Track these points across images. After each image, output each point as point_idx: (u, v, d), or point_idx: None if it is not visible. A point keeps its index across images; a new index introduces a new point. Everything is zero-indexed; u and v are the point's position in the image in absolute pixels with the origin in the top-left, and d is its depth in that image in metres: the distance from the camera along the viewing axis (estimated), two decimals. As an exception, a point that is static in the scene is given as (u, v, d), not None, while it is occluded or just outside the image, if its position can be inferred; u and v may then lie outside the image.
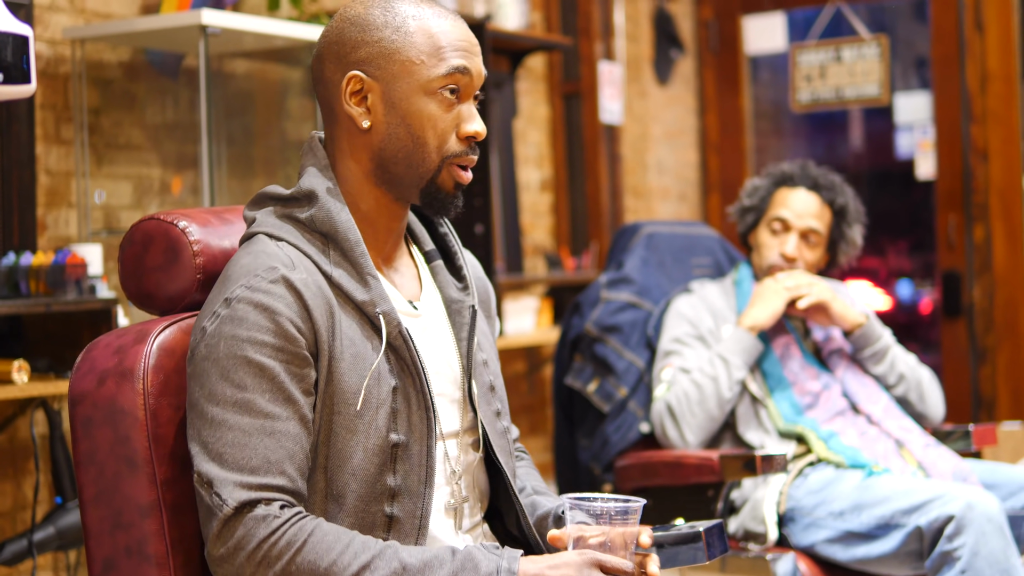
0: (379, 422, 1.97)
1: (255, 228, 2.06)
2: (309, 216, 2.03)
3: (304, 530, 1.86)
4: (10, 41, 2.61)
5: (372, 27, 2.04)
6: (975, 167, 5.95)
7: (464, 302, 2.16)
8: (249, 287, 1.94)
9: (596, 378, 3.80)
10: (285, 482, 1.89)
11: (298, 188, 2.07)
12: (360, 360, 1.97)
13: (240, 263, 1.99)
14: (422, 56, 2.03)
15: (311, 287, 1.96)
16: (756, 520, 3.39)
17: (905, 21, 6.95)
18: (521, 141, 5.83)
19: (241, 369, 1.91)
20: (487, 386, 2.18)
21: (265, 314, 1.92)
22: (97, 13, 3.96)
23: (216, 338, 1.93)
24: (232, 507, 1.86)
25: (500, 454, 2.15)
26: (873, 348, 3.68)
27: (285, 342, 1.92)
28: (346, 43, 2.06)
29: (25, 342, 3.53)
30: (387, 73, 2.03)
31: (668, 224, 4.17)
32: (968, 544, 3.08)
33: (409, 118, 2.03)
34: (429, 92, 2.03)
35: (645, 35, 6.54)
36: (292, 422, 1.91)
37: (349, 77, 2.04)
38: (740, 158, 6.73)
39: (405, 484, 1.98)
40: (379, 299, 2.00)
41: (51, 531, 3.47)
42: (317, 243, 2.03)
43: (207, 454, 1.89)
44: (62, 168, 3.85)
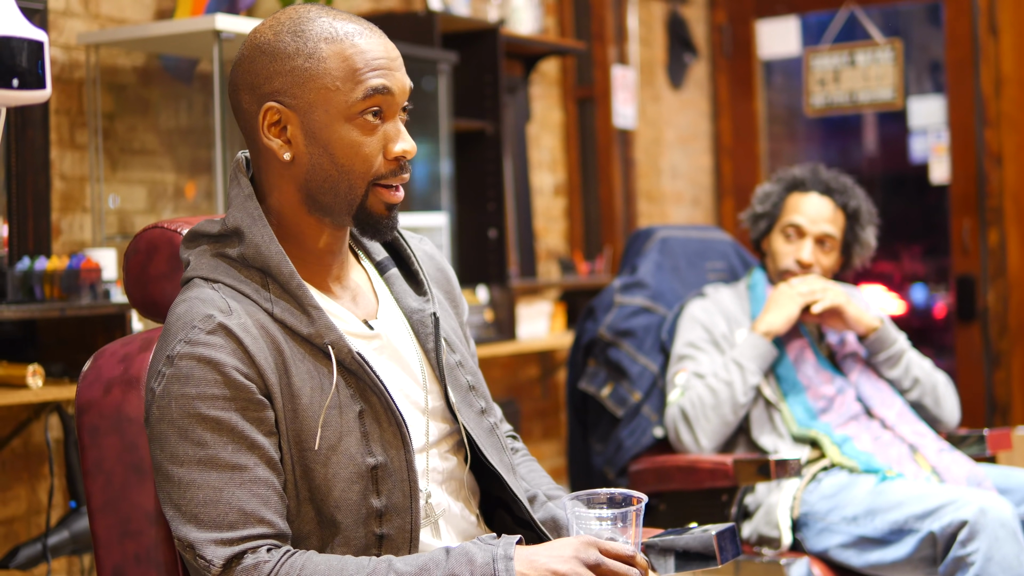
0: (351, 450, 1.93)
1: (190, 272, 2.00)
2: (239, 253, 1.97)
3: (296, 565, 1.84)
4: (25, 47, 2.61)
5: (283, 56, 1.96)
6: (989, 171, 5.94)
7: (425, 311, 2.11)
8: (188, 341, 1.88)
9: (610, 382, 3.80)
10: (265, 529, 1.86)
11: (224, 224, 2.00)
12: (318, 393, 1.93)
13: (176, 313, 1.94)
14: (337, 82, 1.94)
15: (251, 330, 1.91)
16: (770, 525, 3.38)
17: (919, 25, 6.94)
18: (535, 146, 5.83)
19: (198, 427, 1.86)
20: (465, 387, 2.14)
21: (209, 367, 1.87)
22: (111, 19, 3.97)
23: (166, 399, 1.88)
24: (220, 566, 1.83)
25: (491, 453, 2.12)
26: (888, 352, 3.67)
27: (235, 391, 1.87)
28: (259, 73, 1.97)
29: (40, 347, 3.54)
30: (304, 102, 1.95)
31: (682, 228, 4.17)
32: (981, 549, 3.07)
33: (331, 147, 1.95)
34: (350, 118, 1.95)
35: (658, 39, 6.54)
36: (260, 468, 1.88)
37: (265, 109, 1.96)
38: (754, 162, 6.72)
39: (391, 502, 1.96)
40: (325, 330, 1.94)
41: (65, 535, 3.47)
42: (255, 279, 1.97)
43: (182, 517, 1.86)
44: (76, 173, 3.86)
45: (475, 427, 2.13)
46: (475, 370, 2.20)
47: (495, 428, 2.17)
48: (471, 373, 2.18)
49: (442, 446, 2.11)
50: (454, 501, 2.11)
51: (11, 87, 2.59)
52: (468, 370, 2.17)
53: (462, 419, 2.10)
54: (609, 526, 1.91)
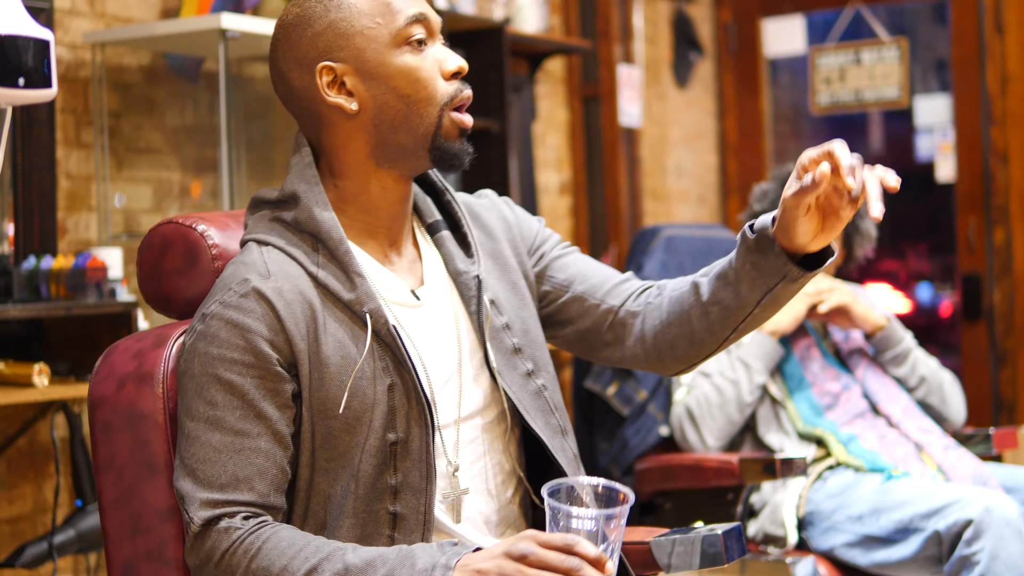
0: (375, 422, 1.95)
1: (246, 235, 2.05)
2: (294, 217, 2.02)
3: (261, 537, 1.87)
4: (31, 45, 2.61)
5: (315, 18, 2.02)
6: (995, 169, 5.93)
7: (469, 272, 2.12)
8: (222, 303, 1.94)
9: (616, 381, 3.80)
10: (254, 497, 1.90)
11: (282, 190, 2.06)
12: (349, 361, 1.96)
13: (224, 275, 2.00)
14: (376, 19, 2.01)
15: (286, 295, 1.95)
16: (776, 523, 3.38)
17: (925, 23, 6.93)
18: (540, 144, 5.83)
19: (212, 387, 1.92)
20: (509, 350, 2.13)
21: (236, 331, 1.92)
22: (117, 17, 3.97)
23: (191, 354, 1.94)
24: (199, 524, 1.88)
25: (535, 417, 2.12)
26: (894, 351, 3.67)
27: (256, 359, 1.92)
28: (300, 45, 2.03)
29: (45, 345, 3.55)
30: (352, 50, 2.01)
31: (687, 227, 4.17)
32: (987, 548, 3.07)
33: (391, 80, 2.01)
34: (397, 46, 2.01)
35: (664, 38, 6.54)
36: (263, 439, 1.92)
37: (319, 70, 2.02)
38: (759, 161, 6.72)
39: (407, 481, 1.97)
40: (365, 298, 1.97)
41: (71, 534, 3.48)
42: (306, 244, 2.01)
43: (183, 468, 1.92)
44: (82, 172, 3.87)
45: (519, 390, 2.12)
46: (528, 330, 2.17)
47: (543, 390, 2.16)
48: (520, 334, 2.16)
49: (485, 414, 2.10)
50: (494, 475, 2.10)
51: (17, 86, 2.60)
52: (516, 331, 2.15)
53: (503, 383, 2.09)
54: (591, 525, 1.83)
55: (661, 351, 2.20)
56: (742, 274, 2.06)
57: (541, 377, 2.16)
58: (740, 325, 2.13)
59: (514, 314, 2.16)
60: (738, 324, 2.12)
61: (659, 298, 2.21)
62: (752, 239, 2.02)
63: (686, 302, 2.16)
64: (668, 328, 2.18)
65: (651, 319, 2.20)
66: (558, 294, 2.25)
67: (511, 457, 2.14)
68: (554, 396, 2.18)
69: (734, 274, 2.08)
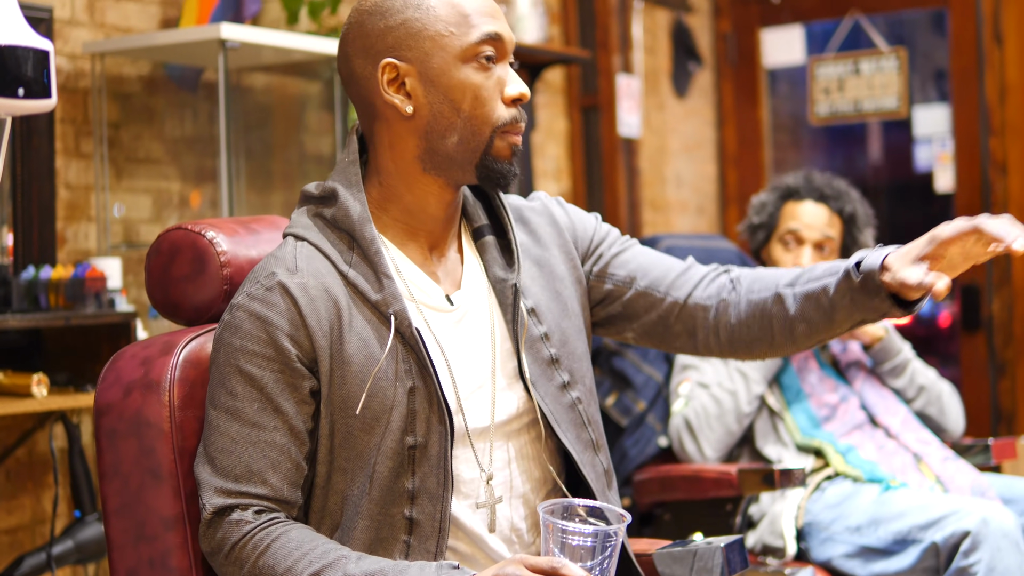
0: (394, 424, 1.96)
1: (287, 229, 2.07)
2: (333, 215, 2.03)
3: (271, 535, 1.90)
4: (31, 56, 2.61)
5: (392, 11, 2.01)
6: (994, 180, 5.94)
7: (507, 281, 2.10)
8: (249, 295, 1.97)
9: (614, 392, 3.80)
10: (266, 491, 1.93)
11: (323, 186, 2.07)
12: (372, 361, 1.96)
13: (256, 266, 2.03)
14: (450, 27, 1.99)
15: (310, 291, 1.96)
16: (774, 534, 3.38)
17: (923, 33, 6.94)
18: (539, 155, 5.83)
19: (234, 377, 1.95)
20: (546, 361, 2.11)
21: (259, 324, 1.94)
22: (117, 27, 3.97)
23: (219, 343, 1.98)
24: (210, 512, 1.93)
25: (566, 429, 2.10)
26: (893, 362, 3.67)
27: (277, 353, 1.94)
28: (370, 35, 2.02)
29: (44, 356, 3.55)
30: (419, 53, 1.99)
31: (687, 237, 4.17)
32: (984, 560, 3.07)
33: (451, 92, 1.99)
34: (465, 60, 1.99)
35: (663, 48, 6.54)
36: (279, 433, 1.94)
37: (383, 66, 2.00)
38: (758, 171, 6.72)
39: (424, 487, 1.97)
40: (392, 299, 1.97)
41: (70, 545, 3.47)
42: (344, 241, 2.02)
43: (203, 455, 1.96)
44: (82, 182, 3.87)
45: (552, 402, 2.10)
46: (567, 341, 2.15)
47: (577, 403, 2.14)
48: (559, 345, 2.14)
49: (518, 422, 2.09)
50: (523, 482, 2.09)
51: (17, 96, 2.60)
52: (554, 342, 2.13)
53: (536, 395, 2.08)
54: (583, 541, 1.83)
55: (736, 347, 2.21)
56: (839, 305, 2.08)
57: (576, 390, 2.15)
58: (824, 340, 2.16)
59: (554, 324, 2.15)
60: (822, 340, 2.15)
61: (734, 295, 2.20)
62: (858, 281, 2.03)
63: (770, 311, 2.16)
64: (747, 330, 2.18)
65: (727, 315, 2.19)
66: (621, 291, 2.23)
67: (543, 465, 2.12)
68: (588, 409, 2.16)
69: (829, 302, 2.09)
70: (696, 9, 6.73)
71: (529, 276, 2.15)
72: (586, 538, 1.82)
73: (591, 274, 2.24)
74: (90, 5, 3.89)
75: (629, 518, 1.88)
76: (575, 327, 2.18)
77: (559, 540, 1.82)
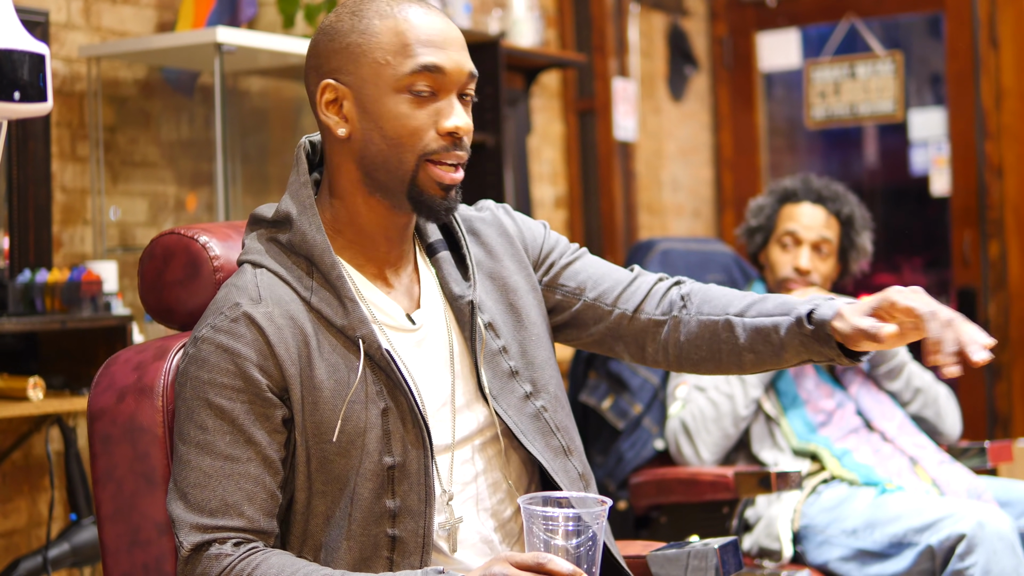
0: (370, 446, 1.95)
1: (242, 255, 2.04)
2: (288, 240, 2.01)
3: (251, 564, 1.88)
4: (26, 59, 2.61)
5: (340, 33, 2.00)
6: (990, 183, 5.94)
7: (464, 297, 2.09)
8: (213, 327, 1.94)
9: (611, 395, 3.80)
10: (243, 523, 1.91)
11: (277, 210, 2.04)
12: (342, 386, 1.95)
13: (217, 297, 2.00)
14: (388, 56, 1.96)
15: (276, 320, 1.94)
16: (771, 537, 3.38)
17: (919, 37, 6.95)
18: (535, 158, 5.84)
19: (203, 411, 1.92)
20: (506, 373, 2.11)
21: (226, 356, 1.92)
22: (113, 31, 3.97)
23: (184, 377, 1.95)
24: (188, 549, 1.89)
25: (533, 439, 2.10)
26: (889, 365, 3.67)
27: (246, 383, 1.92)
28: (320, 54, 2.02)
29: (40, 359, 3.54)
30: (357, 78, 1.98)
31: (683, 241, 4.17)
32: (979, 563, 3.07)
33: (381, 120, 1.97)
34: (398, 91, 1.97)
35: (659, 52, 6.55)
36: (252, 464, 1.92)
37: (323, 87, 2.00)
38: (754, 175, 6.73)
39: (405, 504, 1.96)
40: (358, 323, 1.96)
41: (66, 548, 3.47)
42: (302, 266, 2.00)
43: (175, 491, 1.93)
44: (77, 185, 3.87)
45: (516, 414, 2.10)
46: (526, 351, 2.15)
47: (542, 412, 2.13)
48: (517, 357, 2.13)
49: (480, 438, 2.09)
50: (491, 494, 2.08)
51: (12, 100, 2.60)
52: (512, 354, 2.13)
53: (498, 408, 2.08)
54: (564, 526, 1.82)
55: (683, 363, 2.21)
56: (789, 345, 2.09)
57: (540, 399, 2.14)
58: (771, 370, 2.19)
59: (511, 336, 2.14)
60: (769, 370, 2.19)
61: (685, 312, 2.19)
62: (810, 329, 2.05)
63: (719, 336, 2.16)
64: (696, 349, 2.18)
65: (677, 333, 2.19)
66: (570, 302, 2.23)
67: (509, 476, 2.12)
68: (556, 416, 2.15)
69: (779, 341, 2.10)
70: (692, 13, 6.74)
71: (484, 290, 2.15)
72: (567, 522, 1.81)
73: (542, 283, 2.24)
74: (86, 9, 3.89)
75: (609, 502, 1.86)
76: (534, 336, 2.18)
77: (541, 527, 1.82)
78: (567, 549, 1.81)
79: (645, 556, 2.13)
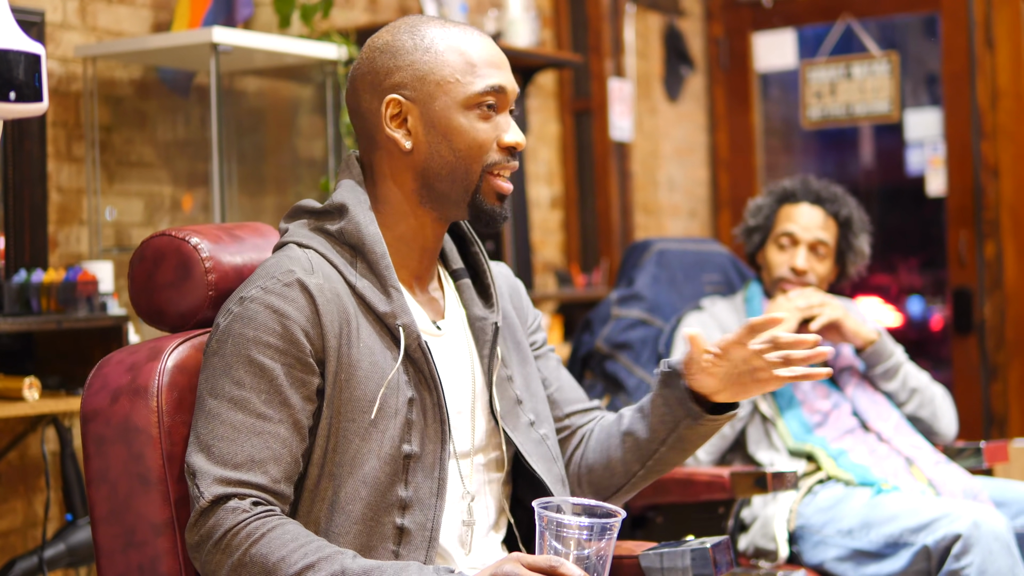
0: (393, 431, 1.99)
1: (286, 238, 2.10)
2: (339, 228, 2.07)
3: (266, 525, 1.90)
4: (22, 59, 2.61)
5: (402, 51, 2.09)
6: (986, 184, 5.94)
7: (488, 319, 2.18)
8: (264, 288, 1.99)
9: (607, 395, 3.80)
10: (266, 481, 1.93)
11: (330, 202, 2.11)
12: (378, 369, 2.00)
13: (263, 264, 2.05)
14: (456, 74, 2.07)
15: (326, 293, 2.00)
16: (767, 537, 3.38)
17: (915, 38, 6.95)
18: (531, 158, 5.84)
19: (242, 367, 1.95)
20: (513, 400, 2.19)
21: (274, 316, 1.96)
22: (109, 31, 3.97)
23: (226, 334, 1.98)
24: (208, 500, 1.91)
25: (537, 462, 2.17)
26: (885, 365, 3.67)
27: (290, 346, 1.96)
28: (379, 71, 2.10)
29: (36, 359, 3.54)
30: (423, 94, 2.07)
31: (679, 241, 4.17)
32: (975, 563, 3.07)
33: (450, 134, 2.07)
34: (467, 107, 2.07)
35: (655, 52, 6.55)
36: (284, 426, 1.95)
37: (387, 101, 2.08)
38: (750, 175, 6.73)
39: (416, 496, 2.00)
40: (400, 311, 2.03)
41: (62, 548, 3.47)
42: (346, 255, 2.06)
43: (197, 444, 1.95)
44: (73, 185, 3.86)
45: (523, 436, 2.18)
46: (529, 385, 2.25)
47: (545, 439, 2.22)
48: (522, 388, 2.22)
49: (487, 454, 2.16)
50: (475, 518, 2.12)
51: (8, 100, 2.60)
52: (518, 385, 2.21)
53: (507, 427, 2.16)
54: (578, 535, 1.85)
55: (581, 478, 2.31)
56: (654, 407, 2.21)
57: (543, 428, 2.23)
58: (648, 462, 2.24)
59: (516, 369, 2.23)
60: (646, 460, 2.24)
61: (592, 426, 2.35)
62: (663, 372, 2.18)
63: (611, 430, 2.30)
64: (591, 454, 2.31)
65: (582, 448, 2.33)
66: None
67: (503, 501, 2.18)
68: (555, 447, 2.24)
69: (649, 406, 2.22)
70: (688, 13, 6.74)
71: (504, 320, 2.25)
72: (582, 531, 1.83)
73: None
74: (82, 9, 3.89)
75: (623, 514, 1.90)
76: (533, 373, 2.28)
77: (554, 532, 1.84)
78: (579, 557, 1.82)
79: (637, 555, 2.14)
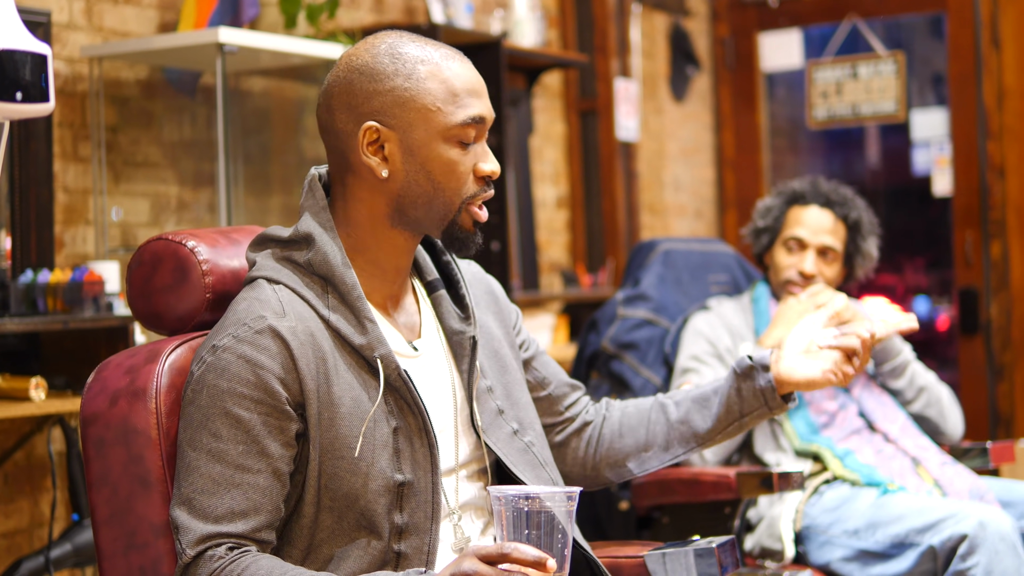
0: (382, 463, 1.98)
1: (255, 272, 2.06)
2: (307, 260, 2.03)
3: (240, 565, 1.88)
4: (28, 60, 2.62)
5: (383, 76, 2.03)
6: (992, 183, 5.94)
7: (465, 333, 2.15)
8: (236, 337, 1.95)
9: (613, 395, 3.79)
10: (246, 530, 1.92)
11: (295, 230, 2.06)
12: (360, 404, 1.98)
13: (235, 309, 2.01)
14: (438, 103, 2.02)
15: (299, 335, 1.97)
16: (773, 537, 3.38)
17: (921, 38, 6.95)
18: (537, 158, 5.84)
19: (219, 419, 1.93)
20: (494, 412, 2.17)
21: (247, 366, 1.93)
22: (115, 31, 3.97)
23: (200, 384, 1.95)
24: (190, 556, 1.90)
25: (523, 470, 2.15)
26: (893, 363, 3.67)
27: (265, 395, 1.93)
28: (357, 93, 2.04)
29: (42, 359, 3.54)
30: (403, 122, 2.02)
31: (685, 241, 4.17)
32: (981, 563, 3.07)
33: (429, 164, 2.03)
34: (447, 138, 2.03)
35: (661, 52, 6.55)
36: (263, 475, 1.93)
37: (365, 128, 2.02)
38: (756, 175, 6.73)
39: (412, 521, 1.99)
40: (376, 343, 2.00)
41: (68, 548, 3.47)
42: (316, 287, 2.03)
43: (179, 497, 1.93)
44: (79, 186, 3.87)
45: (506, 447, 2.16)
46: (511, 393, 2.23)
47: (530, 447, 2.20)
48: (503, 398, 2.20)
49: (468, 469, 2.14)
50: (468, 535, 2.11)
51: (15, 100, 2.60)
52: (498, 395, 2.19)
53: (488, 440, 2.14)
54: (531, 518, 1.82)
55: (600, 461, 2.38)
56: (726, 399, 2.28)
57: (528, 435, 2.21)
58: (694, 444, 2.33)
59: (496, 379, 2.21)
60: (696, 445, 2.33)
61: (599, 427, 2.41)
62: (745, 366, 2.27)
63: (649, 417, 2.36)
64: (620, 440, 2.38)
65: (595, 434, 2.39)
66: (535, 389, 2.35)
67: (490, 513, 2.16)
68: (543, 452, 2.23)
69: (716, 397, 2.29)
70: (694, 13, 6.74)
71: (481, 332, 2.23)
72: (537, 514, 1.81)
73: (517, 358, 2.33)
74: (88, 9, 3.89)
75: (576, 494, 1.86)
76: (516, 380, 2.26)
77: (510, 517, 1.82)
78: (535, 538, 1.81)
79: (643, 556, 2.13)
